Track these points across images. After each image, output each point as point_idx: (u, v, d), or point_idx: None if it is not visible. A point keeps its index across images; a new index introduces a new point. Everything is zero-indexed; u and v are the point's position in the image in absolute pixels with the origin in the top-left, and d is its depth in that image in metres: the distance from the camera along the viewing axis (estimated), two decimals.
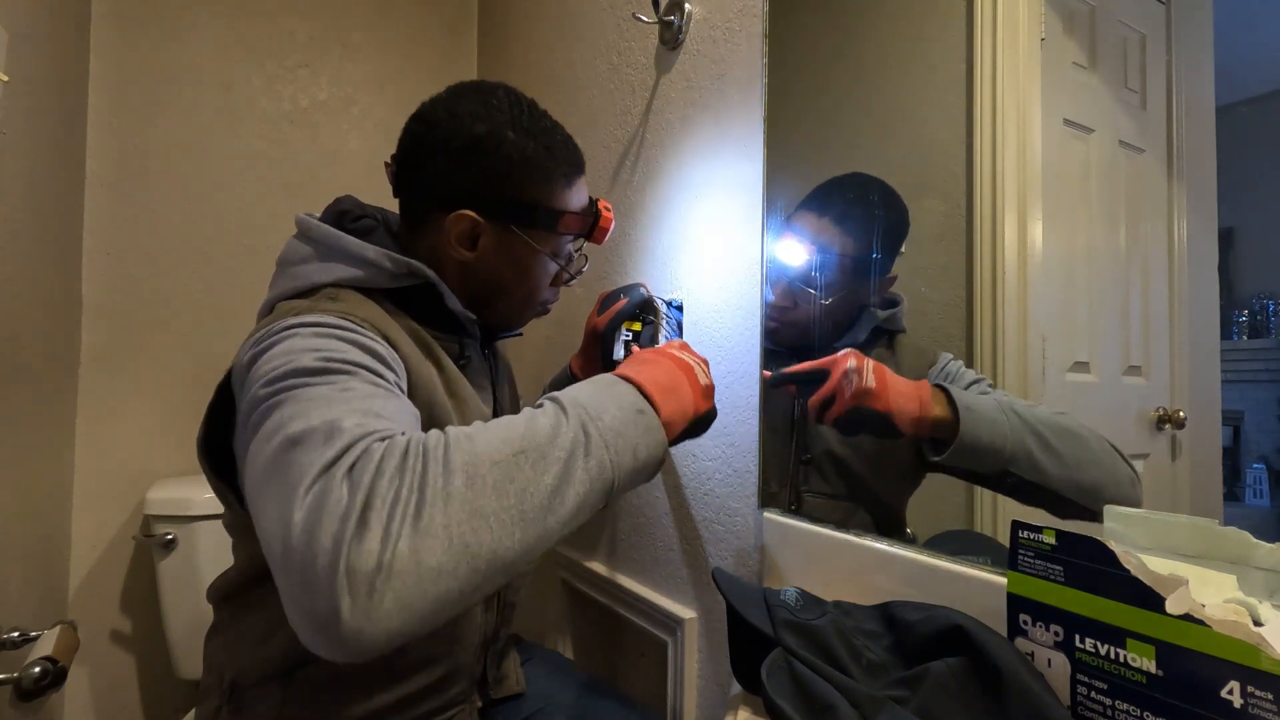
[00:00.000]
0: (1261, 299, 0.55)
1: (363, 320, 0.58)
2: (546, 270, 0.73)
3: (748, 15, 0.82)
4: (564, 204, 0.71)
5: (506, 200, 0.68)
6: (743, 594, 0.59)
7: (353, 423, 0.43)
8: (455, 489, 0.40)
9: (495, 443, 0.44)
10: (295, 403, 0.45)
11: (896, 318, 0.69)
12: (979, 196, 0.63)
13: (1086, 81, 0.62)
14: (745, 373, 0.82)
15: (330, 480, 0.39)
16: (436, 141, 0.67)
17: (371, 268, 0.65)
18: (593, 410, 0.50)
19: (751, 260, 0.81)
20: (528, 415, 0.48)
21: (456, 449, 0.42)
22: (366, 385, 0.49)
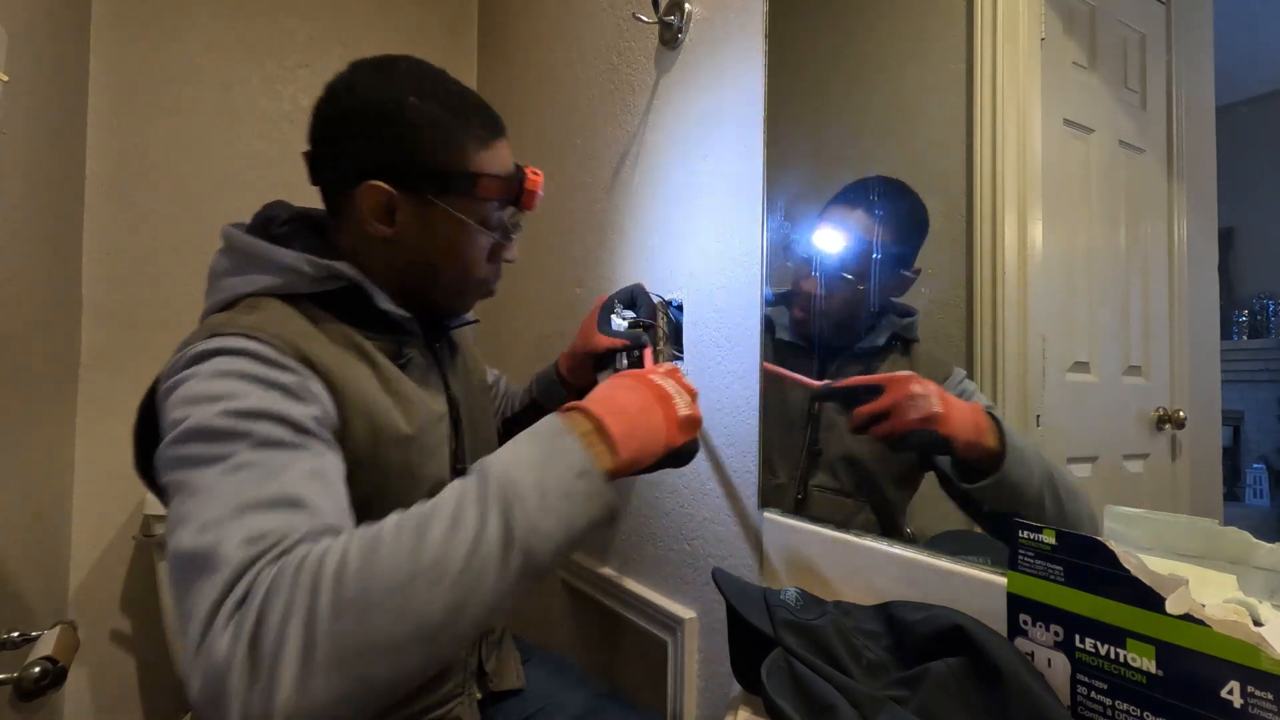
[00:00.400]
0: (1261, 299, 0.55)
1: (274, 336, 0.55)
2: (476, 242, 0.69)
3: (748, 15, 0.82)
4: (481, 167, 0.67)
5: (416, 167, 0.64)
6: (743, 594, 0.59)
7: (236, 545, 0.42)
8: (346, 627, 0.39)
9: (398, 562, 0.41)
10: (188, 496, 0.45)
11: (913, 326, 0.69)
12: (979, 196, 0.63)
13: (1086, 81, 0.62)
14: (745, 372, 0.82)
15: (215, 629, 0.38)
16: (339, 117, 0.65)
17: (290, 274, 0.62)
18: (523, 489, 0.45)
19: (752, 259, 0.81)
20: (444, 516, 0.44)
21: (352, 577, 0.40)
22: (263, 454, 0.47)
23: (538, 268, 1.34)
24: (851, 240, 0.75)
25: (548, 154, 1.33)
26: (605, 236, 1.11)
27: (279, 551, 0.42)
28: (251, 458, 0.47)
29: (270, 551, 0.42)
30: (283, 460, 0.48)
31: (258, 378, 0.52)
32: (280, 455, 0.48)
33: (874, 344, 0.71)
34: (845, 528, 0.68)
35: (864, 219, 0.74)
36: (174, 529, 0.44)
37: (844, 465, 0.74)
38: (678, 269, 0.94)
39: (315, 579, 0.40)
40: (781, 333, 0.80)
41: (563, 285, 1.24)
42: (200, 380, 0.51)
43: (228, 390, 0.50)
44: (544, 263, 1.31)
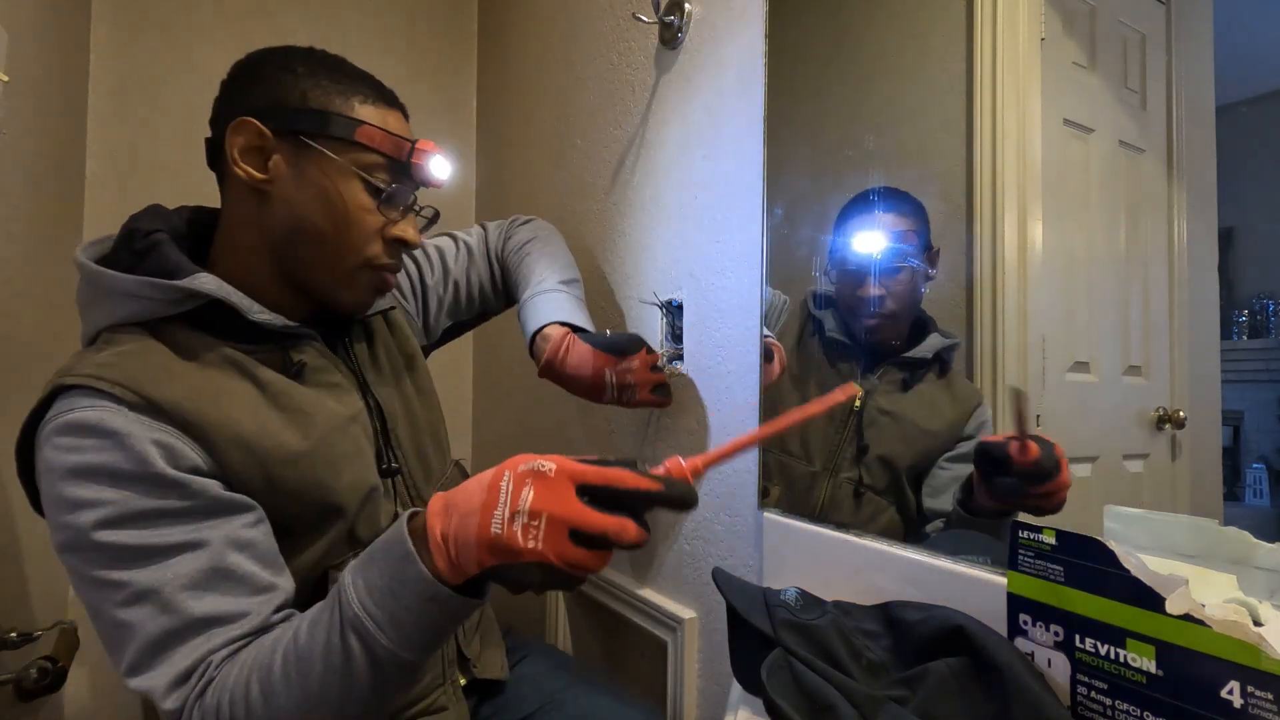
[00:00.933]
0: (1261, 299, 0.55)
1: (118, 384, 0.52)
2: (357, 199, 0.62)
3: (748, 15, 0.82)
4: (364, 117, 0.62)
5: (291, 106, 0.60)
6: (743, 594, 0.59)
7: (163, 690, 0.49)
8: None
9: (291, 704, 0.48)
10: (99, 621, 0.52)
11: (953, 350, 0.67)
12: (979, 196, 0.63)
13: (1086, 81, 0.62)
14: (745, 372, 0.82)
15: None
16: (227, 79, 0.64)
17: (138, 301, 0.57)
18: (381, 626, 0.47)
19: (752, 260, 0.81)
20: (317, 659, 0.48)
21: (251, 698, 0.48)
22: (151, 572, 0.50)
23: None
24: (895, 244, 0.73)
25: (548, 154, 1.33)
26: (605, 236, 1.11)
27: (199, 690, 0.49)
28: (142, 582, 0.50)
29: (191, 694, 0.49)
30: (170, 573, 0.50)
31: (114, 473, 0.50)
32: (170, 567, 0.50)
33: (923, 356, 0.69)
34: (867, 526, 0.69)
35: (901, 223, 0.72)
36: (109, 652, 0.51)
37: (879, 464, 0.73)
38: (678, 269, 0.94)
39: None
40: (832, 331, 0.78)
41: None
42: (61, 483, 0.51)
43: (94, 497, 0.50)
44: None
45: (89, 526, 0.50)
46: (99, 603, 0.50)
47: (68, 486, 0.51)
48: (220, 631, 0.50)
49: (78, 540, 0.50)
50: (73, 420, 0.52)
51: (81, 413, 0.52)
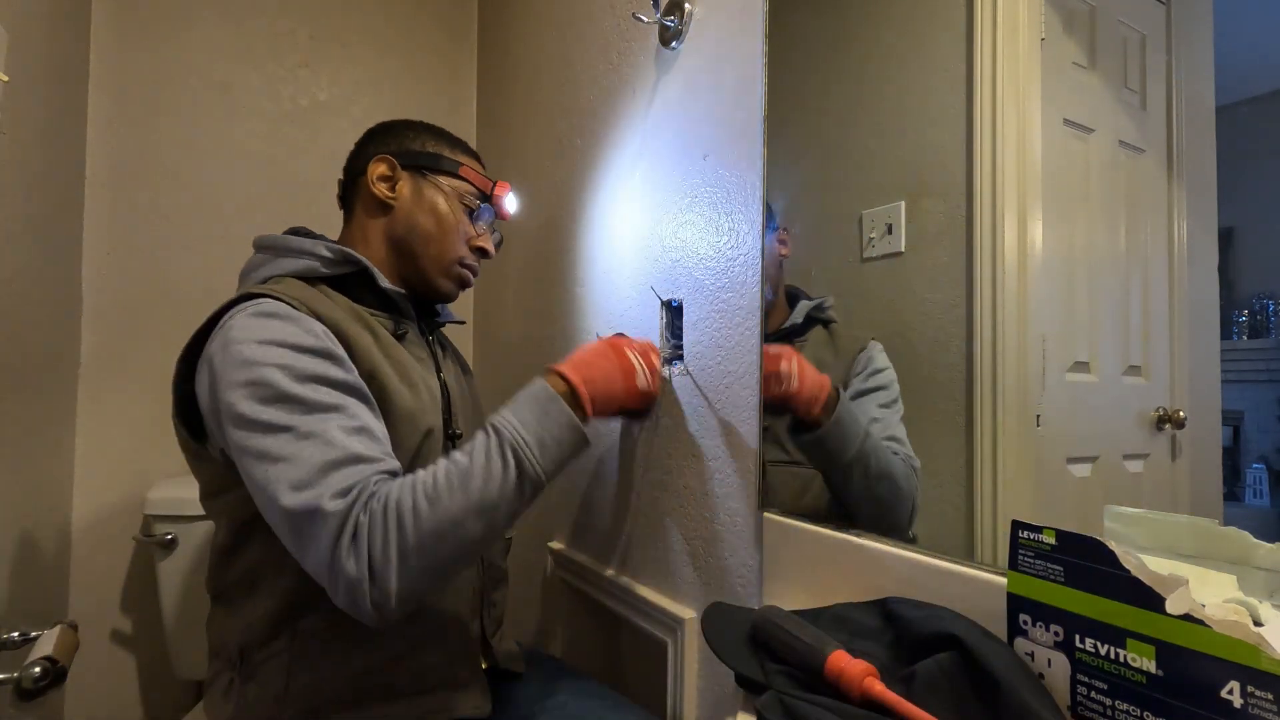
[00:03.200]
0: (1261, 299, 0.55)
1: (294, 300, 0.69)
2: (456, 212, 0.85)
3: (748, 15, 0.82)
4: (465, 162, 0.87)
5: (415, 152, 0.85)
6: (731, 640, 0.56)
7: (330, 499, 0.59)
8: (426, 546, 0.60)
9: (453, 505, 0.61)
10: (270, 462, 0.60)
11: (823, 308, 0.78)
12: (979, 196, 0.63)
13: (1086, 81, 0.62)
14: (745, 372, 0.82)
15: (341, 558, 0.58)
16: (363, 139, 0.89)
17: (311, 256, 0.77)
18: (530, 443, 0.67)
19: (751, 260, 0.81)
20: (478, 470, 0.64)
21: (425, 517, 0.60)
22: (319, 420, 0.62)
23: (538, 268, 1.34)
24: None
25: (548, 154, 1.33)
26: (605, 236, 1.11)
27: (364, 500, 0.60)
28: (312, 426, 0.61)
29: (357, 502, 0.60)
30: (334, 424, 0.62)
31: (296, 345, 0.65)
32: (331, 419, 0.62)
33: (794, 323, 0.79)
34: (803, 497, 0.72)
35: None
36: (268, 487, 0.60)
37: (788, 438, 0.79)
38: (678, 269, 0.94)
39: (399, 520, 0.60)
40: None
41: (563, 285, 1.24)
42: (248, 347, 0.63)
43: (274, 358, 0.63)
44: (544, 263, 1.31)
45: (272, 381, 0.62)
46: (267, 444, 0.61)
47: (257, 351, 0.63)
48: (371, 466, 0.62)
49: (260, 393, 0.62)
50: (264, 308, 0.67)
51: (271, 304, 0.67)
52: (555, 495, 1.11)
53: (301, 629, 0.70)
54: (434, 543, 0.60)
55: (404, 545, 0.59)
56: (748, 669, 0.53)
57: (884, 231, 0.70)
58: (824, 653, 0.48)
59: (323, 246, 0.77)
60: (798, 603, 0.68)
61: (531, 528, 1.22)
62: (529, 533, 1.34)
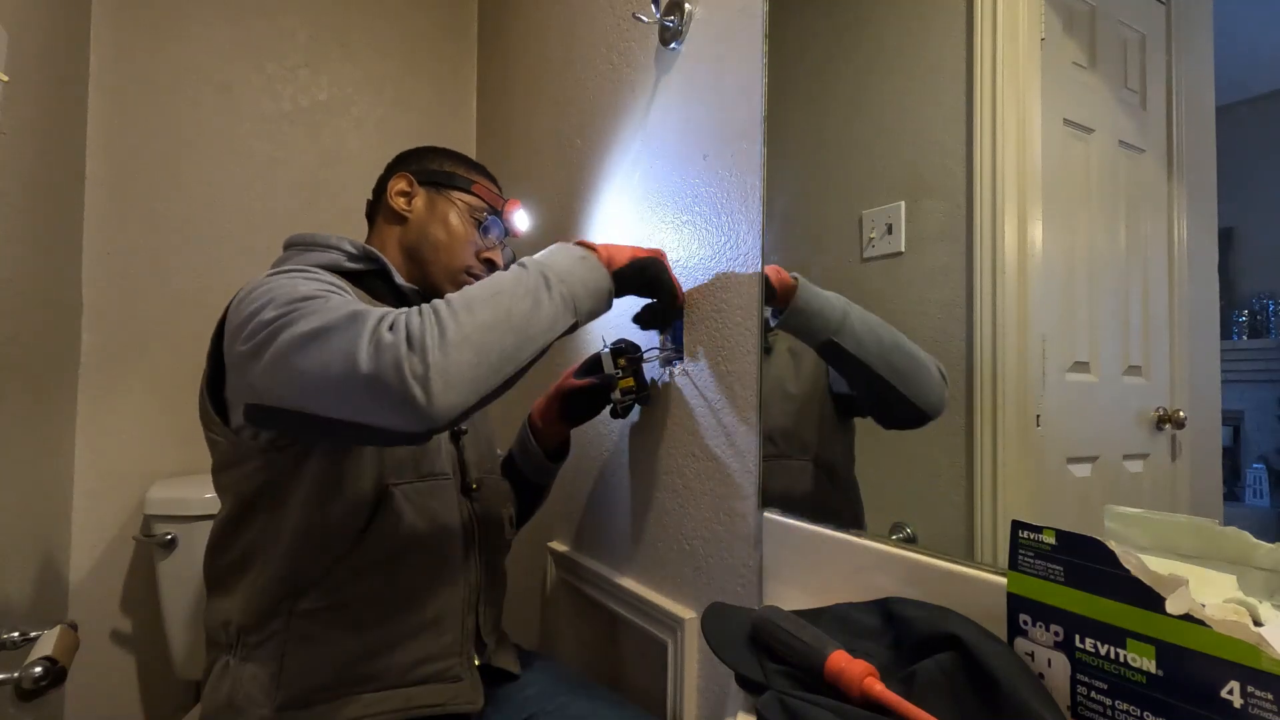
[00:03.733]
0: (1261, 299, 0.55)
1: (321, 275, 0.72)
2: (468, 226, 0.90)
3: (748, 15, 0.82)
4: (479, 180, 0.93)
5: (432, 171, 0.91)
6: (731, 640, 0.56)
7: (365, 312, 0.60)
8: (463, 320, 0.61)
9: (480, 292, 0.65)
10: (297, 319, 0.61)
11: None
12: (979, 196, 0.63)
13: (1086, 81, 0.62)
14: (745, 372, 0.82)
15: (381, 334, 0.58)
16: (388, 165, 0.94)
17: (337, 251, 0.82)
18: (571, 279, 0.70)
19: (752, 260, 0.81)
20: (519, 291, 0.66)
21: (464, 318, 0.61)
22: (344, 298, 0.66)
23: None
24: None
25: (547, 154, 1.33)
26: (605, 236, 1.11)
27: (400, 313, 0.61)
28: (335, 299, 0.64)
29: (388, 318, 0.60)
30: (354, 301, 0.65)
31: (309, 275, 0.70)
32: (350, 300, 0.66)
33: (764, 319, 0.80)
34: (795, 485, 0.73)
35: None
36: (290, 325, 0.61)
37: (778, 432, 0.80)
38: (678, 269, 0.94)
39: (438, 317, 0.60)
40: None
41: None
42: (263, 283, 0.67)
43: (294, 279, 0.67)
44: None
45: (287, 288, 0.65)
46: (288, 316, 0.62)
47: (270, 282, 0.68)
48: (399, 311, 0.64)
49: (278, 298, 0.64)
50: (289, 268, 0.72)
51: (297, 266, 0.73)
52: (555, 495, 1.11)
53: (298, 610, 0.72)
54: (470, 336, 0.60)
55: (442, 329, 0.59)
56: (748, 669, 0.53)
57: (884, 231, 0.70)
58: (824, 653, 0.48)
59: (347, 243, 0.83)
60: (798, 603, 0.68)
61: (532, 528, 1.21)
62: (529, 533, 1.34)
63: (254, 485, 0.73)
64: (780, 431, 0.79)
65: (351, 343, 0.57)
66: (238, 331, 0.65)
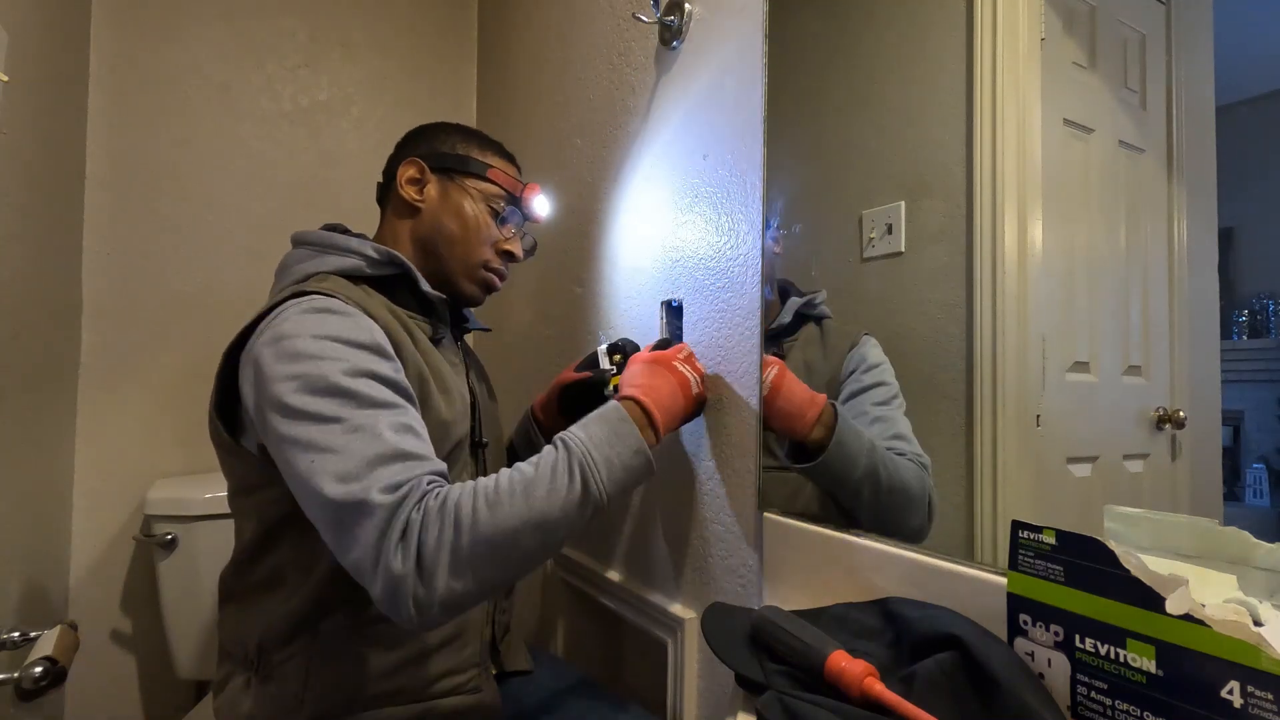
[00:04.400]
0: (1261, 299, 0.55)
1: (344, 298, 0.68)
2: (483, 217, 0.84)
3: (748, 15, 0.82)
4: (495, 164, 0.86)
5: (444, 155, 0.84)
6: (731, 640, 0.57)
7: (380, 492, 0.56)
8: (479, 554, 0.57)
9: (514, 515, 0.59)
10: (316, 452, 0.58)
11: (812, 304, 0.78)
12: (979, 196, 0.63)
13: (1086, 81, 0.62)
14: (745, 372, 0.82)
15: (388, 553, 0.55)
16: (402, 140, 0.88)
17: (358, 256, 0.77)
18: (599, 463, 0.64)
19: (751, 260, 0.81)
20: (544, 481, 0.61)
21: (483, 522, 0.57)
22: (369, 414, 0.60)
23: (537, 267, 1.34)
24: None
25: (548, 154, 1.33)
26: (605, 236, 1.11)
27: (417, 497, 0.58)
28: (362, 420, 0.60)
29: (409, 499, 0.57)
30: (385, 420, 0.61)
31: (349, 340, 0.64)
32: (381, 415, 0.61)
33: (782, 322, 0.79)
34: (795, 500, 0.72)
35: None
36: (311, 478, 0.57)
37: (778, 444, 0.79)
38: (678, 269, 0.94)
39: (457, 521, 0.57)
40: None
41: (563, 285, 1.24)
42: (301, 340, 0.62)
43: (328, 352, 0.62)
44: (544, 262, 1.31)
45: (324, 374, 0.61)
46: (314, 435, 0.59)
47: (310, 345, 0.62)
48: (421, 465, 0.61)
49: (311, 385, 0.60)
50: (318, 304, 0.66)
51: (324, 300, 0.67)
52: None
53: (323, 630, 0.70)
54: (488, 550, 0.57)
55: (458, 546, 0.56)
56: (748, 669, 0.53)
57: (884, 231, 0.70)
58: (824, 653, 0.48)
59: (370, 247, 0.77)
60: (798, 603, 0.68)
61: None
62: None
63: (279, 512, 0.69)
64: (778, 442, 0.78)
65: (362, 550, 0.56)
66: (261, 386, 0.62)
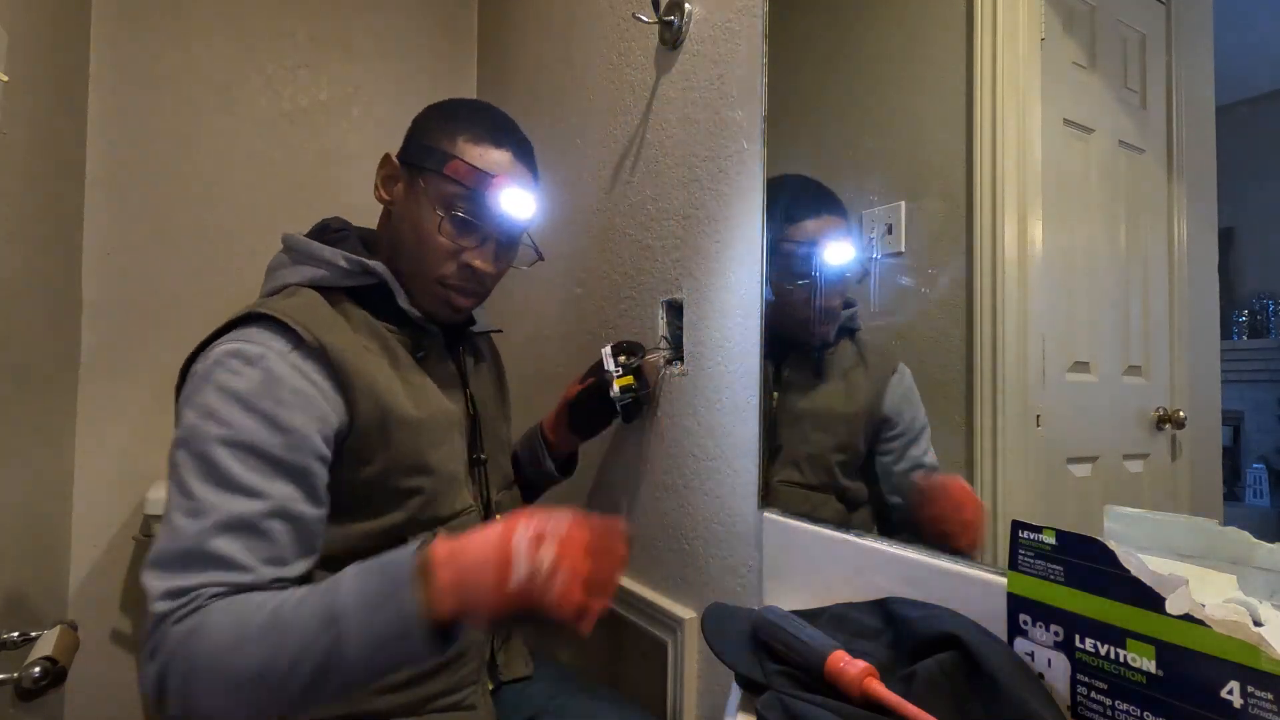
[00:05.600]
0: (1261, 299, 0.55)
1: (300, 323, 0.63)
2: (439, 223, 0.70)
3: (748, 15, 0.82)
4: (459, 152, 0.71)
5: (414, 143, 0.74)
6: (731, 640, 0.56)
7: (159, 597, 0.54)
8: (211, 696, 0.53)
9: (250, 665, 0.52)
10: (165, 509, 0.58)
11: (854, 316, 0.74)
12: (979, 196, 0.63)
13: (1086, 81, 0.62)
14: (745, 372, 0.82)
15: (145, 665, 0.54)
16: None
17: (330, 266, 0.70)
18: (351, 640, 0.51)
19: (752, 260, 0.81)
20: (293, 638, 0.52)
21: (220, 667, 0.52)
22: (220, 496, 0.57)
23: (537, 267, 1.34)
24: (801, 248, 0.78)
25: (548, 154, 1.32)
26: (605, 236, 1.11)
27: (185, 612, 0.54)
28: (206, 504, 0.56)
29: (177, 612, 0.54)
30: (225, 510, 0.56)
31: (246, 402, 0.59)
32: (228, 503, 0.57)
33: (826, 340, 0.76)
34: (844, 528, 0.68)
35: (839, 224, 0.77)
36: (156, 538, 0.57)
37: (807, 461, 0.77)
38: (678, 269, 0.94)
39: (193, 661, 0.52)
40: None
41: (562, 285, 1.24)
42: (207, 390, 0.60)
43: (219, 412, 0.59)
44: (544, 262, 1.31)
45: (209, 437, 0.58)
46: (171, 499, 0.58)
47: (213, 398, 0.59)
48: (225, 574, 0.56)
49: (195, 442, 0.58)
50: (244, 349, 0.61)
51: (253, 346, 0.61)
52: (556, 496, 1.11)
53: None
54: (220, 695, 0.53)
55: (190, 688, 0.52)
56: (748, 669, 0.53)
57: (884, 231, 0.70)
58: (824, 653, 0.48)
59: (341, 256, 0.70)
60: (798, 603, 0.68)
61: None
62: None
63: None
64: (808, 460, 0.76)
65: (145, 645, 0.55)
66: (175, 417, 0.61)
